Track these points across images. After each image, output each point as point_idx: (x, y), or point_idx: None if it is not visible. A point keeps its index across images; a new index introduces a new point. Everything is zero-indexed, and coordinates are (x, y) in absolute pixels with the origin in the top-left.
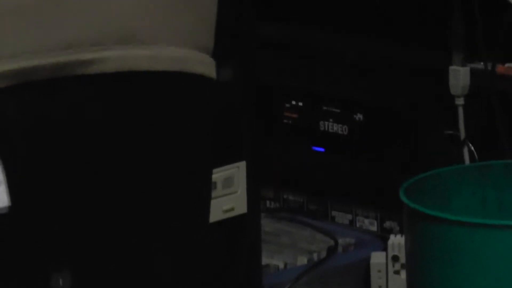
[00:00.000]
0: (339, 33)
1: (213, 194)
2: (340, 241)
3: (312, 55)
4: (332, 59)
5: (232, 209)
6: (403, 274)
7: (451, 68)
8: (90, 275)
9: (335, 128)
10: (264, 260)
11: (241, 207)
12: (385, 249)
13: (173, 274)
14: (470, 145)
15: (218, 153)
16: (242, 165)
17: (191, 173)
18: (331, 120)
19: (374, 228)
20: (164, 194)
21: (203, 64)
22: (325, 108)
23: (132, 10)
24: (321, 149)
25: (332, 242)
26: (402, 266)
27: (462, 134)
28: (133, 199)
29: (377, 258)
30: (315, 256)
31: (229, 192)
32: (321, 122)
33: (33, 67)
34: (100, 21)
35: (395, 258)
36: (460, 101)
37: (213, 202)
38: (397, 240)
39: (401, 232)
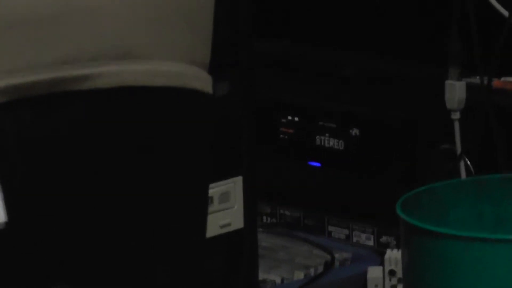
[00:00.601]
0: (335, 48)
1: (210, 209)
2: (337, 256)
3: (308, 70)
4: (328, 74)
5: (228, 224)
6: None
7: (447, 82)
8: None
9: (331, 143)
10: (261, 275)
11: (237, 222)
12: (382, 263)
13: None
14: (467, 159)
15: (215, 168)
16: (239, 180)
17: (188, 188)
18: (327, 135)
19: (370, 242)
20: (161, 208)
21: (200, 79)
22: (321, 123)
23: (128, 25)
24: (317, 164)
25: (329, 257)
26: (399, 280)
27: (459, 149)
28: (130, 213)
29: (374, 272)
30: (312, 271)
31: (225, 207)
32: (317, 137)
33: (30, 82)
34: (96, 36)
35: (392, 273)
36: (456, 116)
37: (209, 217)
38: (394, 255)
39: (397, 246)
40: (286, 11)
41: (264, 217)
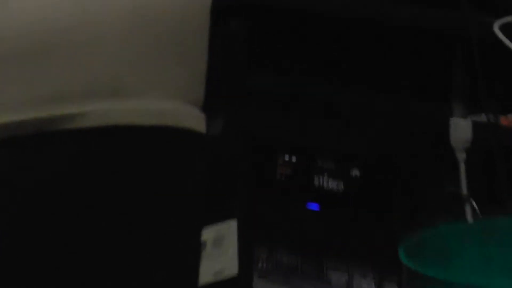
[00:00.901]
0: (334, 85)
1: (202, 254)
2: None
3: (305, 108)
4: (327, 111)
5: (222, 271)
6: None
7: (452, 120)
8: None
9: (330, 184)
10: None
11: (232, 269)
12: None
13: None
14: (473, 201)
15: (208, 210)
16: (233, 223)
17: (179, 233)
18: (326, 175)
19: None
20: (150, 255)
21: (193, 118)
22: (319, 163)
23: (118, 61)
24: (316, 207)
25: None
26: None
27: (464, 190)
28: (116, 258)
29: None
30: None
31: (219, 252)
32: (316, 178)
33: (16, 122)
34: (85, 73)
35: None
36: (461, 155)
37: (202, 264)
38: None
39: None
40: (283, 46)
41: (260, 263)
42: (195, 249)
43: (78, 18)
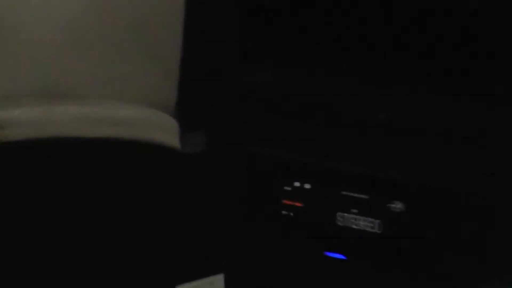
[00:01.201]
0: (367, 84)
1: None
2: None
3: (324, 115)
4: (355, 120)
5: None
6: None
7: None
8: None
9: (361, 224)
10: None
11: None
12: None
13: None
14: None
15: (184, 262)
16: (219, 279)
17: None
18: (354, 211)
19: None
20: None
21: (161, 129)
22: (344, 193)
23: (59, 52)
24: (340, 256)
25: None
26: None
27: None
28: None
29: None
30: None
31: None
32: (339, 215)
33: None
34: (10, 67)
35: None
36: None
37: None
38: None
39: None
40: (291, 32)
41: None
42: None
43: None
